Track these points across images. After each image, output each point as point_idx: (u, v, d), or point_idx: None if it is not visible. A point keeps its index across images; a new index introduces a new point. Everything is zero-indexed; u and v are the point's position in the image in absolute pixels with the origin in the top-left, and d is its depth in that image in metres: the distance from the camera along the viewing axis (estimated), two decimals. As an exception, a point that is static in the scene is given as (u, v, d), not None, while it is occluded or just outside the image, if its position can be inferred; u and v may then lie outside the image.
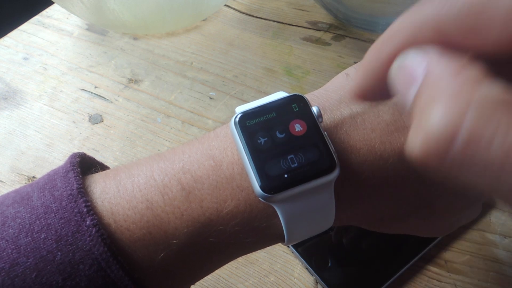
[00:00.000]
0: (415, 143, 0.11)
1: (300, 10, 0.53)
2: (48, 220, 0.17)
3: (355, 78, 0.16)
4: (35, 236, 0.17)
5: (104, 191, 0.19)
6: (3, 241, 0.17)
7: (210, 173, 0.19)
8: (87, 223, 0.17)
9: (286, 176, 0.18)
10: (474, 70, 0.11)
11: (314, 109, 0.19)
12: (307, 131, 0.19)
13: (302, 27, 0.51)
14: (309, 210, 0.19)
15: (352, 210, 0.21)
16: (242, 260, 0.33)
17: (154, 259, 0.18)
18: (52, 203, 0.18)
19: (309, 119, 0.19)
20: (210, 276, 0.32)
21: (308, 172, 0.18)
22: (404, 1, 0.43)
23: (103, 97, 0.45)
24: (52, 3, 0.55)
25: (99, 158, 0.23)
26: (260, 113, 0.19)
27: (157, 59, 0.48)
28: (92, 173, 0.21)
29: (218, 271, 0.32)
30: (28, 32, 0.53)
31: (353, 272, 0.31)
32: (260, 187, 0.18)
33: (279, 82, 0.45)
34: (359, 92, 0.16)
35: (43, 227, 0.17)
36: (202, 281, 0.32)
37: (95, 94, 0.46)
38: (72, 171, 0.19)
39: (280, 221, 0.19)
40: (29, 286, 0.16)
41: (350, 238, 0.33)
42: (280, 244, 0.33)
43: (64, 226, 0.17)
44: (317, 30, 0.50)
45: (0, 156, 0.41)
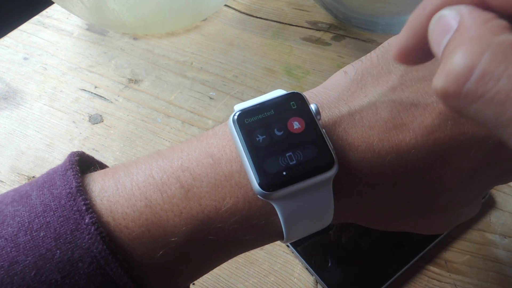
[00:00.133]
0: (439, 80, 0.14)
1: (300, 10, 0.53)
2: (47, 218, 0.17)
3: (399, 38, 0.17)
4: (34, 234, 0.17)
5: (103, 189, 0.19)
6: (2, 239, 0.17)
7: (209, 171, 0.19)
8: (86, 221, 0.17)
9: (285, 173, 0.18)
10: (498, 22, 0.14)
11: (312, 106, 0.19)
12: (305, 129, 0.19)
13: (302, 27, 0.51)
14: (307, 207, 0.19)
15: (351, 208, 0.21)
16: (242, 260, 0.33)
17: (153, 257, 0.18)
18: (51, 201, 0.18)
19: (307, 116, 0.19)
20: (210, 276, 0.32)
21: (307, 169, 0.18)
22: (404, 1, 0.43)
23: (103, 97, 0.45)
24: (52, 3, 0.55)
25: (99, 158, 0.23)
26: (258, 111, 0.19)
27: (157, 59, 0.48)
28: (91, 171, 0.21)
29: (218, 271, 0.33)
30: (28, 32, 0.53)
31: (353, 272, 0.31)
32: (259, 184, 0.18)
33: (279, 82, 0.45)
34: (401, 51, 0.17)
35: (42, 225, 0.17)
36: (202, 281, 0.32)
37: (95, 94, 0.46)
38: (71, 170, 0.19)
39: (278, 218, 0.19)
40: (28, 284, 0.16)
41: (349, 237, 0.33)
42: (280, 244, 0.34)
43: (63, 224, 0.17)
44: (317, 30, 0.50)
45: (0, 156, 0.41)
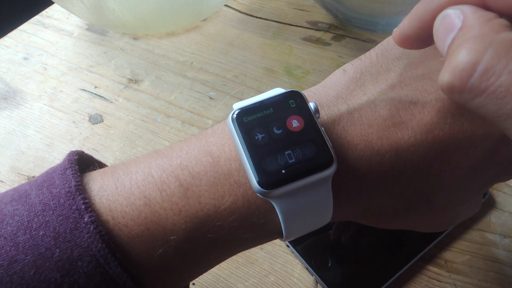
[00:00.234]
0: (444, 75, 0.15)
1: (300, 10, 0.53)
2: (46, 218, 0.17)
3: (401, 24, 0.18)
4: (33, 233, 0.17)
5: (102, 188, 0.19)
6: (2, 238, 0.17)
7: (208, 169, 0.19)
8: (85, 220, 0.17)
9: (284, 171, 0.18)
10: (499, 21, 0.15)
11: (311, 105, 0.19)
12: (304, 127, 0.19)
13: (302, 27, 0.51)
14: (307, 205, 0.19)
15: (350, 206, 0.21)
16: (242, 260, 0.33)
17: (152, 256, 0.18)
18: (50, 200, 0.18)
19: (306, 115, 0.19)
20: (210, 276, 0.32)
21: (306, 167, 0.18)
22: (404, 1, 0.43)
23: (103, 97, 0.45)
24: (52, 3, 0.55)
25: (99, 158, 0.23)
26: (257, 109, 0.19)
27: (157, 59, 0.48)
28: (90, 171, 0.21)
29: (218, 271, 0.33)
30: (28, 32, 0.53)
31: (353, 272, 0.31)
32: (258, 182, 0.18)
33: (279, 82, 0.45)
34: (402, 36, 0.18)
35: (42, 225, 0.17)
36: (202, 281, 0.32)
37: (95, 94, 0.46)
38: (70, 169, 0.19)
39: (278, 216, 0.19)
40: (27, 283, 0.16)
41: (349, 236, 0.33)
42: (280, 244, 0.34)
43: (62, 223, 0.17)
44: (317, 30, 0.50)
45: (0, 156, 0.41)
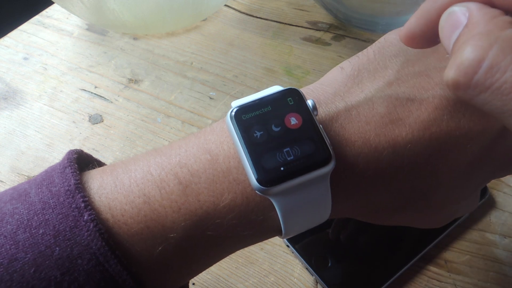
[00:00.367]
0: (450, 72, 0.15)
1: (300, 10, 0.53)
2: (46, 216, 0.17)
3: (408, 23, 0.18)
4: (33, 231, 0.17)
5: (101, 186, 0.19)
6: (2, 237, 0.17)
7: (207, 167, 0.19)
8: (85, 218, 0.17)
9: (283, 169, 0.18)
10: (504, 18, 0.15)
11: (309, 102, 0.19)
12: (302, 124, 0.19)
13: (302, 27, 0.51)
14: (305, 202, 0.19)
15: (348, 202, 0.21)
16: (242, 260, 0.33)
17: (152, 253, 0.18)
18: (50, 198, 0.18)
19: (304, 112, 0.19)
20: (210, 276, 0.32)
21: (304, 164, 0.18)
22: (404, 1, 0.43)
23: (103, 97, 0.45)
24: (52, 3, 0.55)
25: (99, 158, 0.23)
26: (255, 107, 0.19)
27: (157, 59, 0.48)
28: (89, 169, 0.21)
29: (218, 271, 0.33)
30: (28, 32, 0.53)
31: (353, 272, 0.31)
32: (257, 180, 0.18)
33: (279, 82, 0.45)
34: (409, 35, 0.18)
35: (41, 223, 0.17)
36: (202, 281, 0.32)
37: (95, 94, 0.46)
38: (69, 167, 0.19)
39: (277, 214, 0.19)
40: (27, 281, 0.16)
41: (348, 234, 0.33)
42: (280, 244, 0.34)
43: (62, 221, 0.17)
44: (317, 30, 0.50)
45: (0, 156, 0.41)
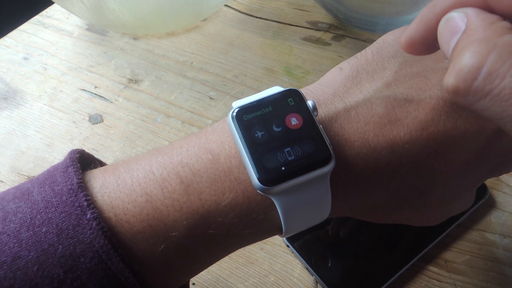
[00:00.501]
0: (449, 79, 0.15)
1: (300, 10, 0.53)
2: (49, 214, 0.17)
3: (408, 30, 0.18)
4: (36, 230, 0.17)
5: (103, 185, 0.19)
6: (5, 235, 0.17)
7: (208, 166, 0.19)
8: (88, 216, 0.17)
9: (284, 168, 0.18)
10: (502, 23, 0.15)
11: (309, 103, 0.20)
12: (303, 125, 0.19)
13: (302, 27, 0.51)
14: (306, 201, 0.19)
15: (347, 201, 0.21)
16: (242, 260, 0.33)
17: (154, 252, 0.18)
18: (53, 197, 0.18)
19: (304, 112, 0.20)
20: (210, 276, 0.32)
21: (305, 164, 0.19)
22: (404, 1, 0.43)
23: (103, 97, 0.45)
24: (52, 3, 0.55)
25: (99, 158, 0.23)
26: (256, 107, 0.20)
27: (157, 59, 0.48)
28: (91, 169, 0.21)
29: (218, 271, 0.33)
30: (28, 32, 0.53)
31: (353, 272, 0.31)
32: (258, 179, 0.18)
33: (279, 82, 0.45)
34: (409, 42, 0.18)
35: (44, 221, 0.17)
36: (202, 281, 0.32)
37: (95, 94, 0.46)
38: (71, 166, 0.19)
39: (277, 213, 0.19)
40: (30, 279, 0.17)
41: (347, 231, 0.33)
42: (280, 244, 0.34)
43: (65, 220, 0.17)
44: (317, 30, 0.50)
45: (0, 156, 0.41)
